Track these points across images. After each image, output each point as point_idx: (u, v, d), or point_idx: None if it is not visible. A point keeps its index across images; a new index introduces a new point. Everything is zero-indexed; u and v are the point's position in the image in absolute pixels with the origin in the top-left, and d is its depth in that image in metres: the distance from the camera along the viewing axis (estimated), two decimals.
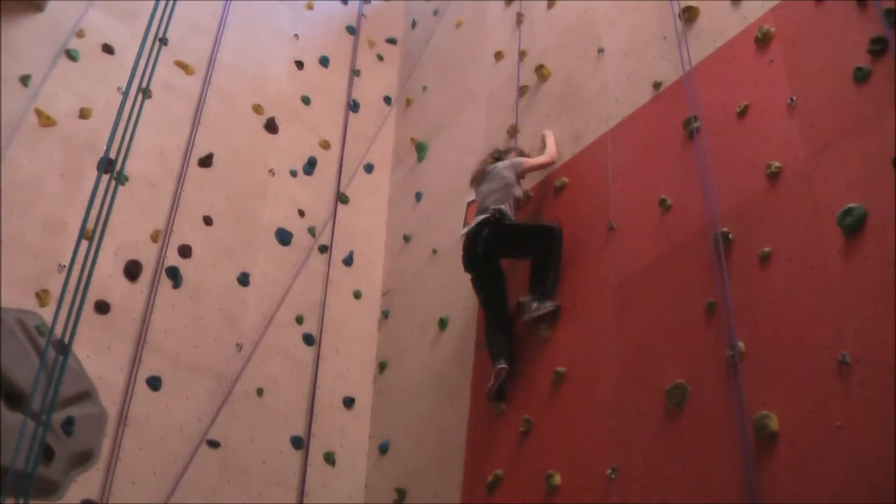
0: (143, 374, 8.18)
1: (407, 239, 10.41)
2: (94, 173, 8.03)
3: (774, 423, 5.59)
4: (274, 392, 8.86)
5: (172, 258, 8.90)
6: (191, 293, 8.86)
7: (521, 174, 8.57)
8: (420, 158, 11.06)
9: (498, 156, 8.75)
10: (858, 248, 5.69)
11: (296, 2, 11.99)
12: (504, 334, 8.01)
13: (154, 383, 8.20)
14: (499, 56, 10.62)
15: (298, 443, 8.72)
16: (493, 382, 7.79)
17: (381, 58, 12.51)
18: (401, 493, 8.42)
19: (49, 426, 6.27)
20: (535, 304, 7.80)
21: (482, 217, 8.16)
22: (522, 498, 7.20)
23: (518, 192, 8.44)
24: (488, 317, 8.19)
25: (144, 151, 8.95)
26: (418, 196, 10.67)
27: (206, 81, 10.24)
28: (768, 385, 5.78)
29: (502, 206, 8.15)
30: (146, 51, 7.55)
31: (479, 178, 8.67)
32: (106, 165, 7.31)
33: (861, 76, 6.22)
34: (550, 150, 8.72)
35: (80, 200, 7.98)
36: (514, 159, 8.62)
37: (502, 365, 7.78)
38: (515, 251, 8.24)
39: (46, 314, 7.67)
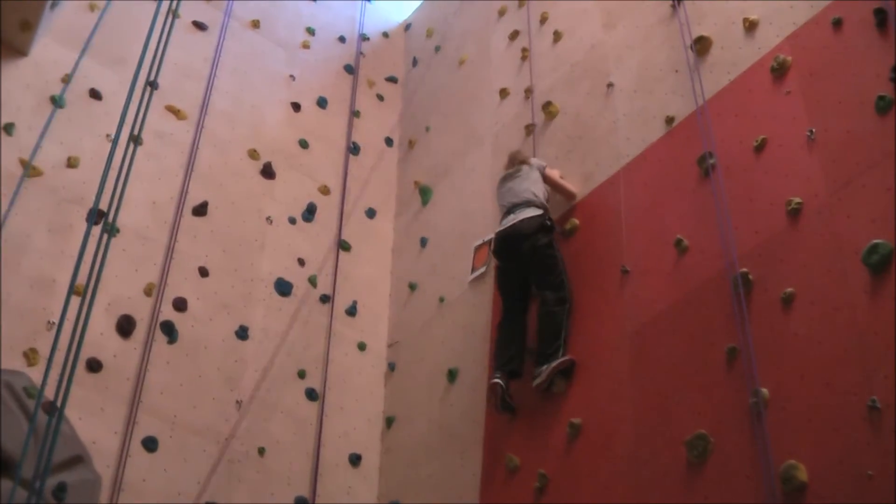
0: (139, 435, 7.99)
1: (413, 287, 10.30)
2: (84, 226, 7.90)
3: (803, 474, 5.44)
4: (276, 452, 8.71)
5: (167, 313, 8.72)
6: (187, 349, 8.68)
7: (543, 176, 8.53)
8: (424, 202, 10.96)
9: (520, 159, 8.71)
10: (885, 286, 5.54)
11: (291, 42, 11.90)
12: (512, 339, 8.01)
13: (150, 445, 8.01)
14: (504, 93, 10.53)
15: None
16: (493, 399, 7.88)
17: (381, 98, 12.45)
18: None
19: (42, 494, 6.02)
20: (545, 367, 7.58)
21: (534, 213, 8.07)
22: None
23: (545, 188, 8.42)
24: (504, 316, 8.20)
25: (136, 202, 8.82)
26: (423, 242, 10.56)
27: (199, 127, 10.09)
28: (795, 433, 5.64)
29: (543, 200, 8.23)
30: (136, 95, 7.28)
31: (505, 179, 8.61)
32: (96, 217, 7.08)
33: (884, 106, 6.12)
34: (571, 186, 8.62)
35: (70, 255, 7.88)
36: (538, 161, 8.61)
37: (494, 380, 7.83)
38: (536, 279, 8.02)
39: (35, 374, 7.50)
